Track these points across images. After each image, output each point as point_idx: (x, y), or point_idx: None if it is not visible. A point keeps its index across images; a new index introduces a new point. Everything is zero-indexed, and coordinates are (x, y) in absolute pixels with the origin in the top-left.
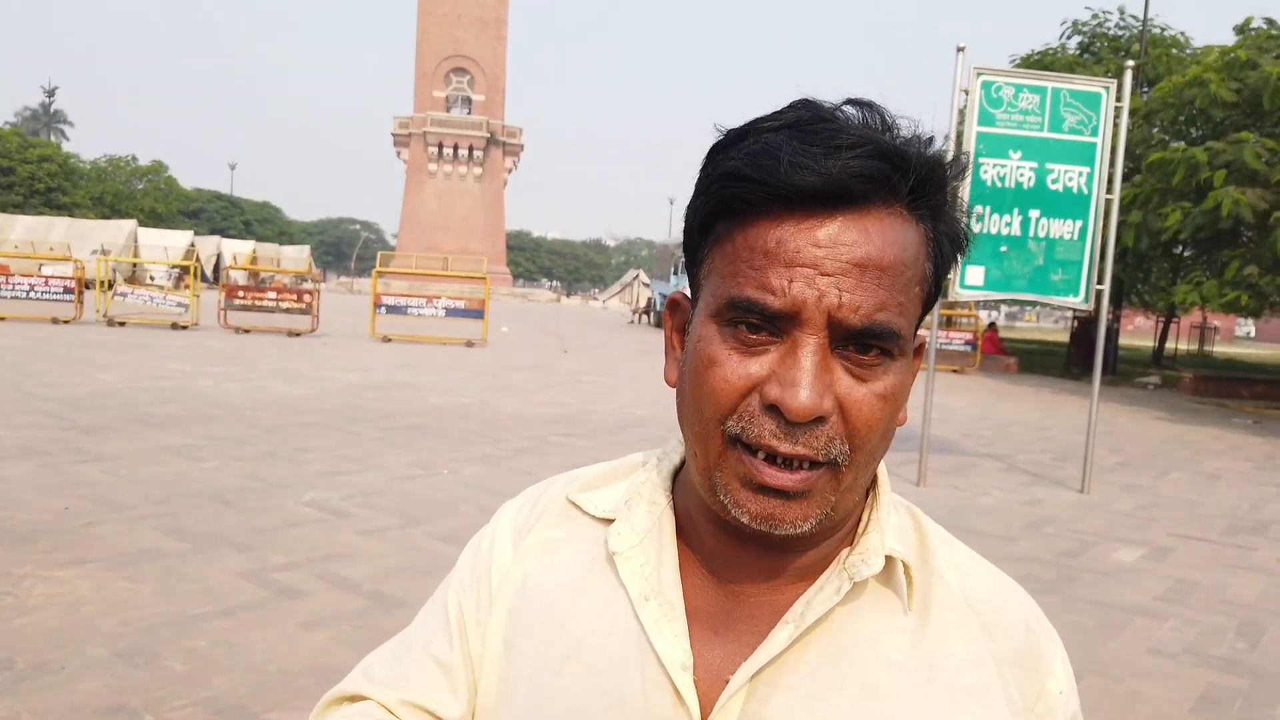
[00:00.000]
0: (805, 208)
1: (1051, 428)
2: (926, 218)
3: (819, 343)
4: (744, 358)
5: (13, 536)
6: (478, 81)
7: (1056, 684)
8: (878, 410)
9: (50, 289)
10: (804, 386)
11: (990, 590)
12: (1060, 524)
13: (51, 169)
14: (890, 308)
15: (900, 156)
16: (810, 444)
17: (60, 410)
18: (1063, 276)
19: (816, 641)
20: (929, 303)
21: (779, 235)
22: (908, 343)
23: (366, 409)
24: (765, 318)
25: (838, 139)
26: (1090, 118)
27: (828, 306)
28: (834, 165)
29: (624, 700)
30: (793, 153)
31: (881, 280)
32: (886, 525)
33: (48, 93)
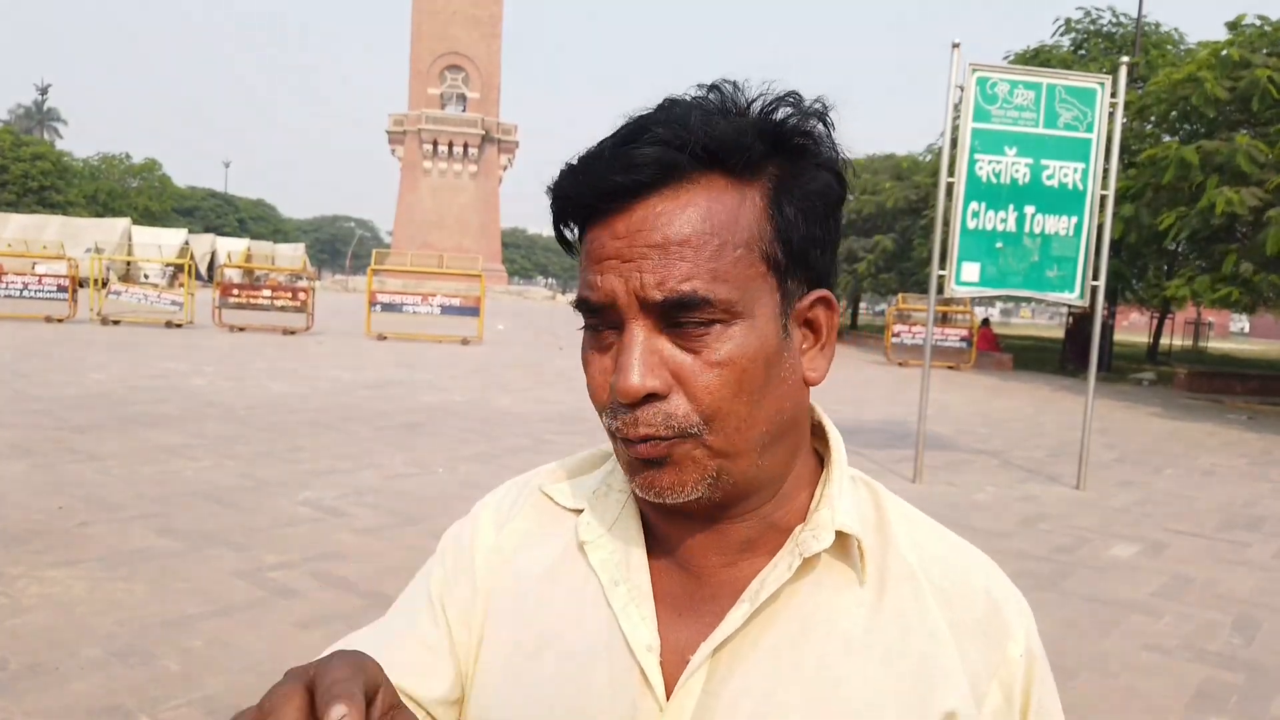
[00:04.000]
0: (605, 207)
1: (1046, 424)
2: (755, 180)
3: (641, 325)
4: (601, 355)
5: (5, 536)
6: (472, 79)
7: (1017, 647)
8: (715, 377)
9: (44, 288)
10: (627, 370)
11: (949, 560)
12: (1056, 520)
13: (45, 167)
14: (699, 276)
15: (680, 137)
16: (649, 422)
17: (53, 409)
18: (1058, 273)
19: (775, 619)
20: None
21: (590, 237)
22: (740, 303)
23: (362, 407)
24: (596, 314)
25: (629, 137)
26: (1085, 114)
27: (634, 289)
28: (608, 165)
29: (596, 683)
30: (584, 165)
31: (684, 254)
32: (838, 501)
33: (41, 90)
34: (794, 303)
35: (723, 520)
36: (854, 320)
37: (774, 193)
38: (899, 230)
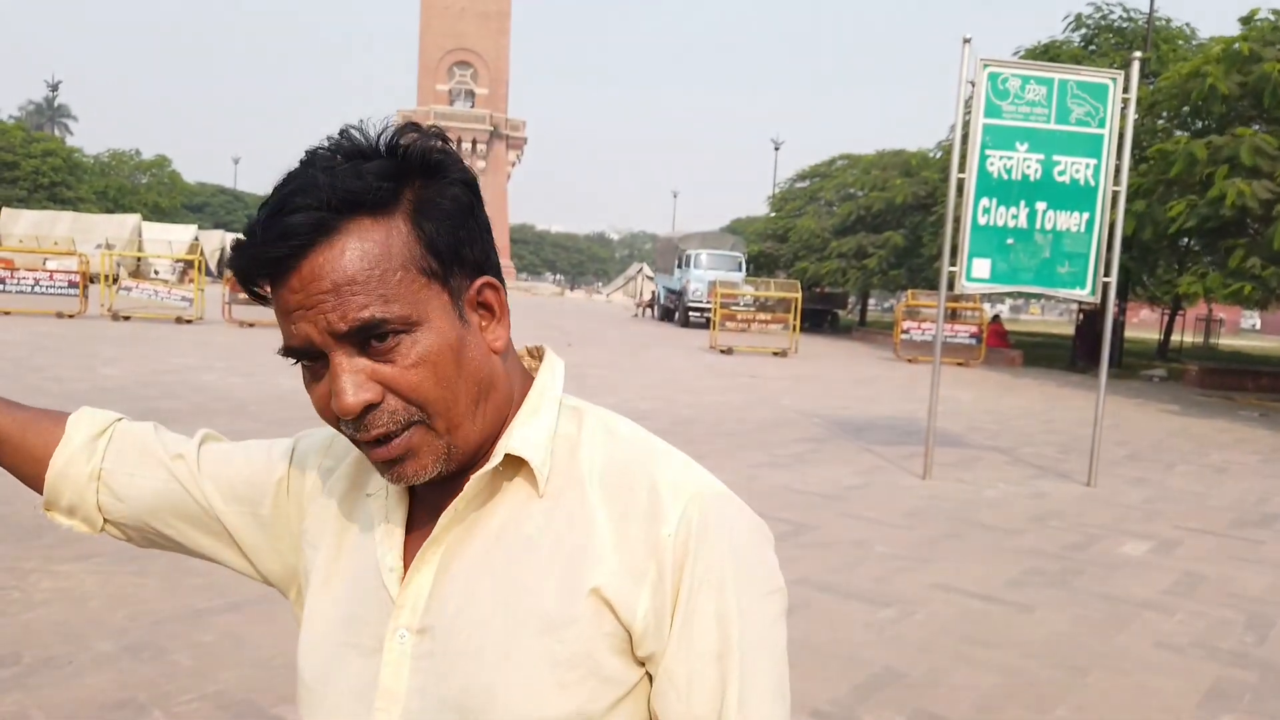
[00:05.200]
0: (278, 271)
1: (1056, 421)
2: (392, 212)
3: (340, 355)
4: (315, 383)
5: (18, 531)
6: (481, 75)
7: (667, 529)
8: (413, 376)
9: (55, 283)
10: (341, 394)
11: (621, 462)
12: (1066, 517)
13: (55, 163)
14: (372, 304)
15: (316, 198)
16: (376, 424)
17: (64, 405)
18: (1069, 269)
19: (478, 531)
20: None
21: (277, 296)
22: (415, 314)
23: None
24: (301, 356)
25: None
26: (1097, 109)
27: (323, 328)
28: (262, 240)
29: (365, 601)
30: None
31: (354, 289)
32: (516, 430)
33: (51, 87)
34: (463, 295)
35: (459, 476)
36: (863, 317)
37: (414, 215)
38: (909, 226)
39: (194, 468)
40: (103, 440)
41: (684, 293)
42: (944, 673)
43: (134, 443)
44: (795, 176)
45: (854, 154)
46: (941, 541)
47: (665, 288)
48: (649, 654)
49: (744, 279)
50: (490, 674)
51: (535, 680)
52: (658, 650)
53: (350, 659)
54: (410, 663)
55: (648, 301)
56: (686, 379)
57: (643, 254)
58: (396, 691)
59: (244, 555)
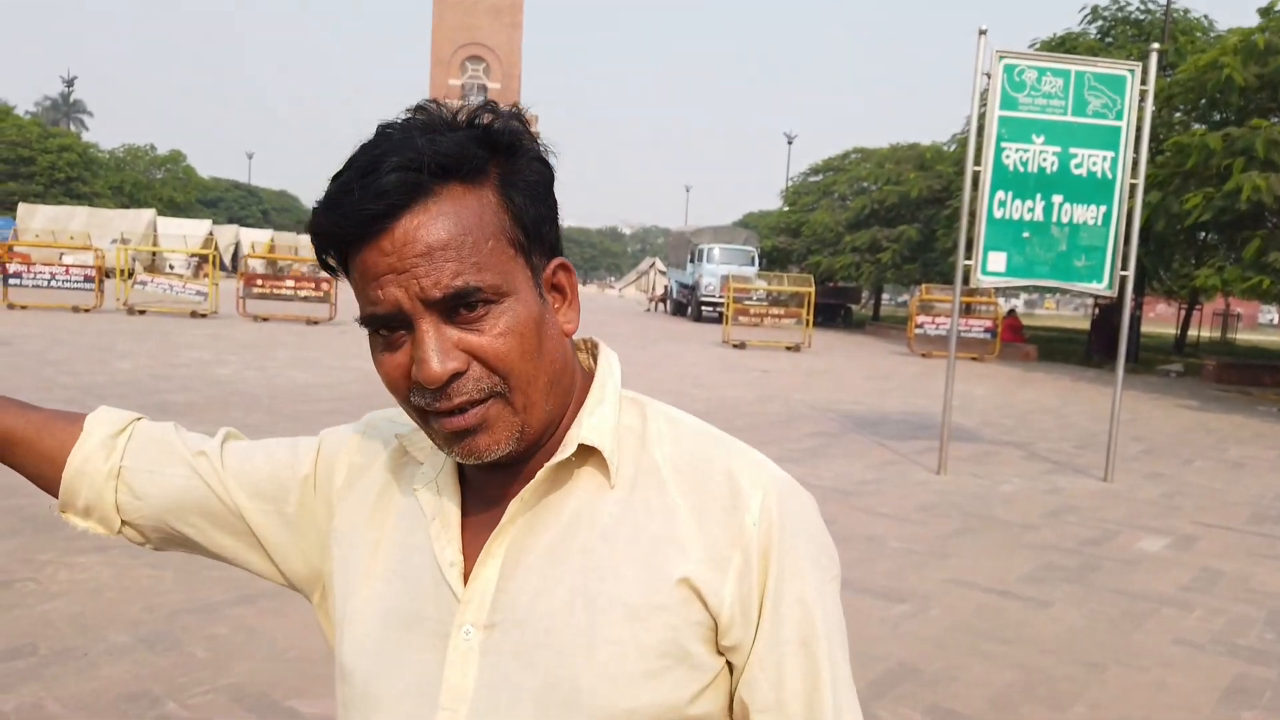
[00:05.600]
0: (367, 233)
1: (1072, 415)
2: (484, 181)
3: (428, 322)
4: (392, 354)
5: (35, 523)
6: (493, 69)
7: (750, 517)
8: (502, 345)
9: (71, 278)
10: (427, 361)
11: (695, 453)
12: (1083, 512)
13: (71, 158)
14: (465, 271)
15: (416, 159)
16: (461, 392)
17: (80, 398)
18: (1086, 263)
19: (548, 522)
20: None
21: (362, 259)
22: (505, 284)
23: (384, 397)
24: (384, 321)
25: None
26: (1115, 101)
27: (415, 294)
28: (360, 197)
29: (423, 597)
30: (336, 201)
31: (446, 254)
32: (586, 420)
33: (67, 82)
34: (541, 273)
35: (519, 462)
36: (876, 311)
37: (502, 187)
38: (923, 220)
39: (217, 464)
40: (122, 438)
41: (697, 287)
42: (959, 668)
43: (154, 440)
44: (808, 170)
45: (868, 147)
46: (956, 537)
47: (678, 282)
48: (734, 643)
49: (757, 273)
50: (574, 665)
51: (622, 669)
52: (744, 639)
53: (407, 657)
54: (478, 659)
55: (660, 296)
56: (699, 373)
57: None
58: (464, 689)
59: (267, 556)
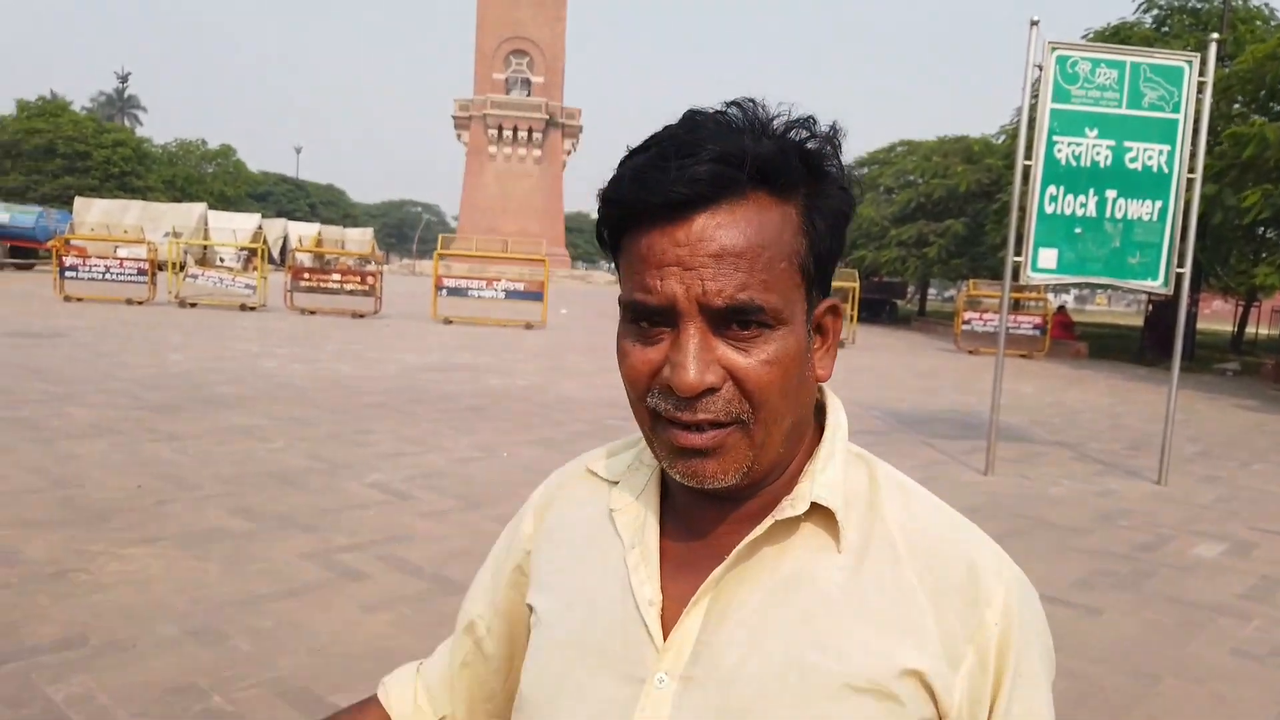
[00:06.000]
0: (665, 216)
1: (1124, 415)
2: (791, 197)
3: (697, 326)
4: (645, 347)
5: (87, 514)
6: (537, 63)
7: (993, 614)
8: (765, 374)
9: (125, 271)
10: (686, 367)
11: (932, 531)
12: (1135, 516)
13: (125, 153)
14: (752, 286)
15: (737, 156)
16: (708, 409)
17: (133, 390)
18: (1140, 259)
19: (763, 577)
20: (817, 270)
21: (648, 242)
22: (785, 310)
23: (427, 391)
24: (650, 313)
25: (685, 151)
26: (1172, 93)
27: (695, 295)
28: (675, 177)
29: (612, 630)
30: (640, 171)
31: (739, 264)
32: (819, 475)
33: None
34: (814, 309)
35: (737, 498)
36: (922, 306)
37: (807, 210)
38: (970, 214)
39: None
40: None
41: None
42: None
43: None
44: (853, 163)
45: (914, 140)
46: (1004, 540)
47: None
48: None
49: None
50: None
51: None
52: None
53: (590, 694)
54: (670, 711)
55: None
56: None
57: None
58: None
59: None
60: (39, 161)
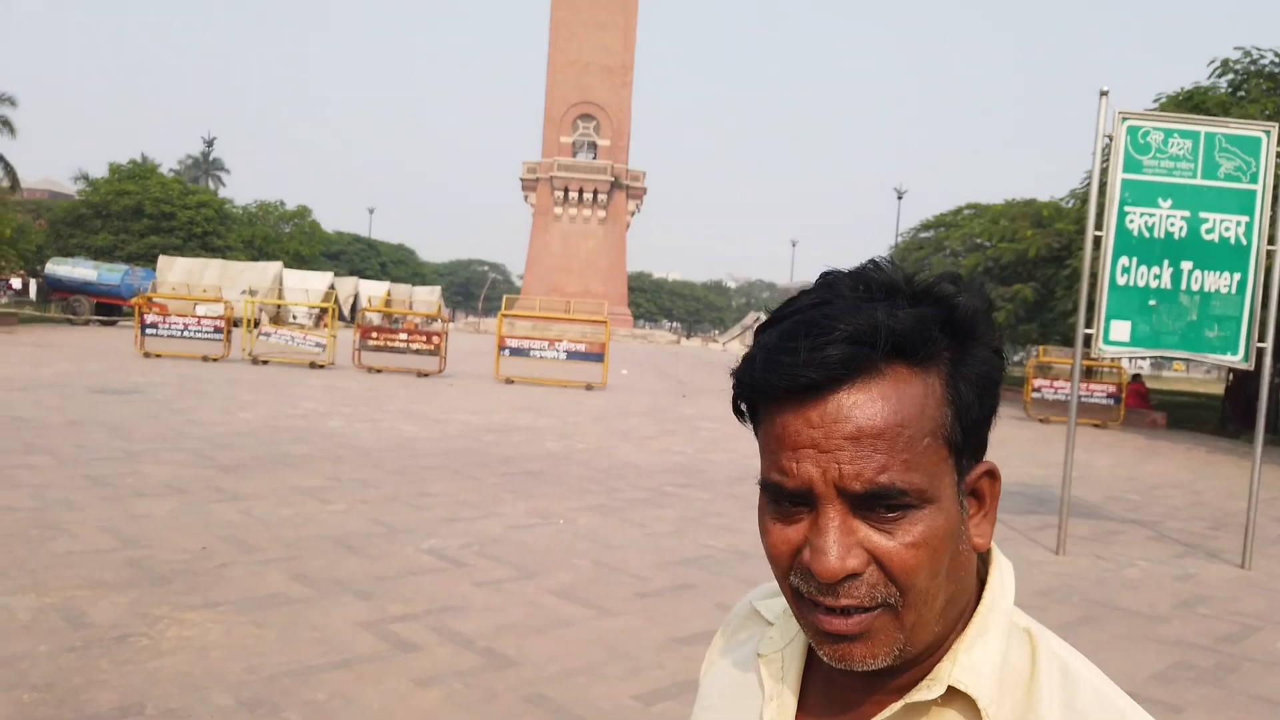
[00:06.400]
0: (798, 395)
1: (1205, 491)
2: (934, 367)
3: (836, 510)
4: (785, 526)
5: (152, 576)
6: (603, 127)
7: None
8: (910, 558)
9: (202, 328)
10: (826, 553)
11: None
12: (1218, 603)
13: (208, 214)
14: (893, 468)
15: (872, 332)
16: (852, 594)
17: (203, 448)
18: (1219, 333)
19: None
20: (964, 439)
21: (783, 422)
22: (931, 489)
23: (487, 453)
24: (788, 495)
25: (817, 329)
26: (1249, 164)
27: (832, 479)
28: (805, 360)
29: None
30: (771, 354)
31: (878, 445)
32: (963, 655)
33: (207, 143)
34: (965, 477)
35: (886, 673)
36: None
37: (950, 377)
38: (1040, 279)
39: None
40: None
41: None
42: None
43: None
44: (919, 226)
45: (981, 203)
46: (1077, 626)
47: None
48: None
49: None
50: None
51: None
52: None
53: None
54: None
55: None
56: None
57: (760, 302)
58: None
59: None
60: (127, 221)
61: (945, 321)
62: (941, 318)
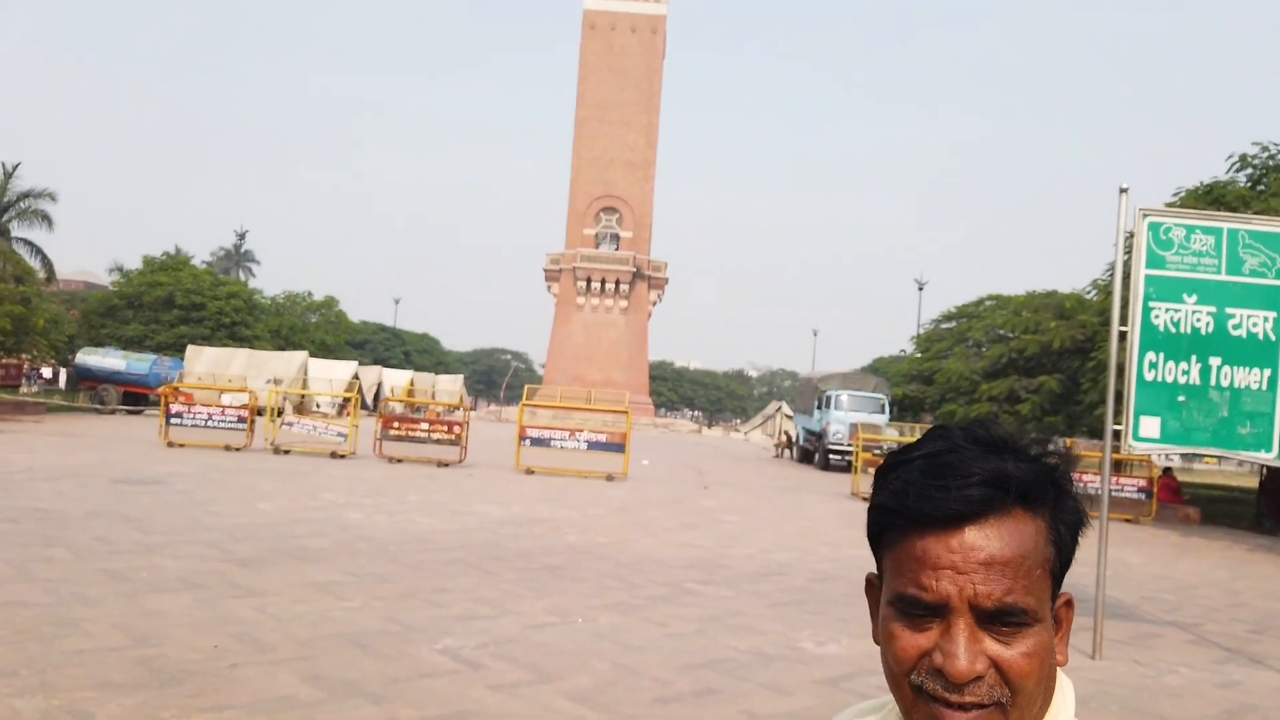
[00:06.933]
0: (939, 525)
1: (1244, 592)
2: (1042, 512)
3: (967, 622)
4: (914, 633)
5: (162, 676)
6: (626, 219)
7: None
8: (1025, 665)
9: (226, 418)
10: (959, 658)
11: None
12: (1264, 713)
13: (238, 304)
14: (1016, 591)
15: (1004, 478)
16: (974, 693)
17: (221, 540)
18: (1251, 430)
19: None
20: (1060, 572)
21: (924, 546)
22: (1040, 610)
23: (506, 546)
24: (923, 607)
25: (957, 471)
26: (1274, 259)
27: (967, 596)
28: (954, 495)
29: None
30: (922, 488)
31: (1005, 571)
32: None
33: (239, 235)
34: (1055, 604)
35: None
36: None
37: (1052, 522)
38: (1065, 371)
39: None
40: None
41: (824, 434)
42: None
43: None
44: (940, 317)
45: (1002, 294)
46: None
47: (804, 429)
48: None
49: (888, 422)
50: None
51: None
52: None
53: None
54: None
55: (785, 442)
56: (826, 529)
57: (781, 391)
58: None
59: None
60: (158, 312)
61: (1050, 477)
62: (1048, 474)
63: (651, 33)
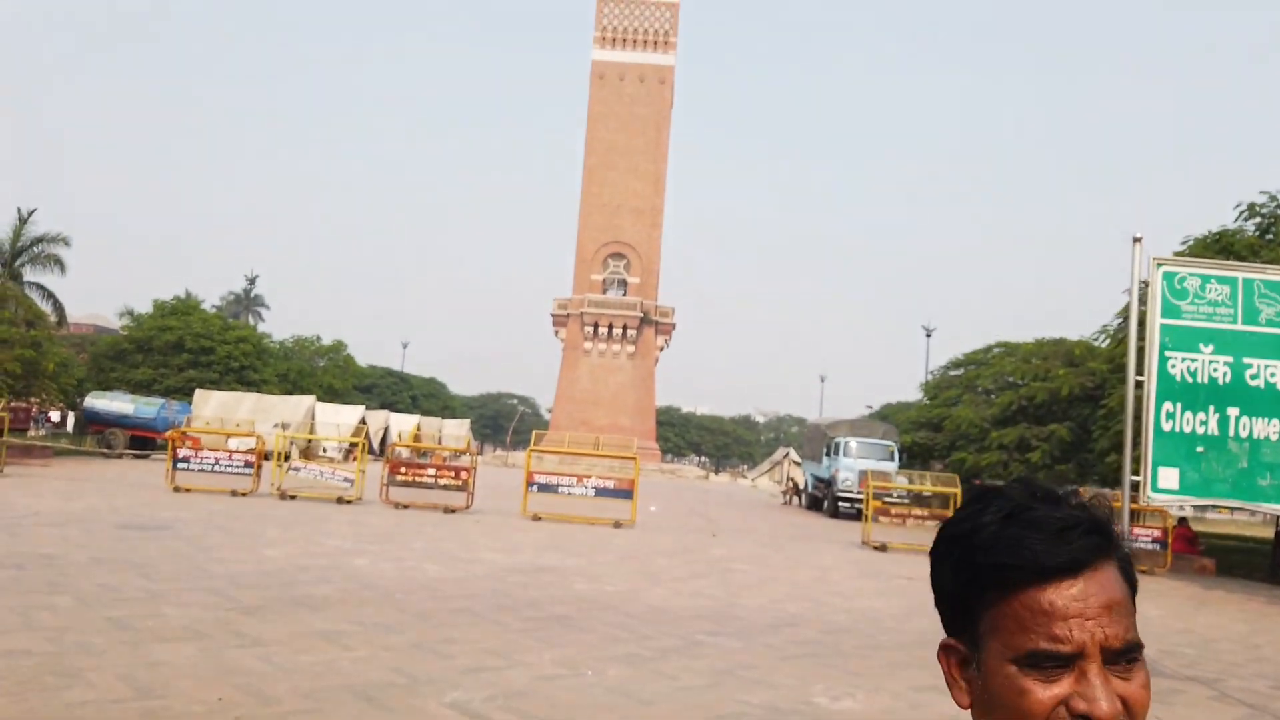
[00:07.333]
0: (1059, 575)
1: (1264, 646)
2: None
3: (1098, 666)
4: (1049, 685)
5: None
6: (633, 265)
7: None
8: (1144, 697)
9: (233, 462)
10: (1100, 701)
11: None
12: None
13: (246, 349)
14: (1131, 628)
15: (1102, 526)
16: None
17: (226, 588)
18: (1271, 481)
19: None
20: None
21: (1049, 599)
22: (1142, 645)
23: (513, 595)
24: (1058, 659)
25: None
26: None
27: (1099, 640)
28: (1077, 545)
29: None
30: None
31: (1120, 611)
32: None
33: (249, 280)
34: None
35: None
36: None
37: (1123, 568)
38: (1075, 419)
39: None
40: None
41: (833, 481)
42: None
43: None
44: (949, 364)
45: (1011, 341)
46: None
47: (813, 475)
48: None
49: (897, 469)
50: None
51: None
52: None
53: None
54: None
55: (792, 489)
56: (837, 578)
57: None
58: None
59: None
60: (167, 356)
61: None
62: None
63: (659, 83)
